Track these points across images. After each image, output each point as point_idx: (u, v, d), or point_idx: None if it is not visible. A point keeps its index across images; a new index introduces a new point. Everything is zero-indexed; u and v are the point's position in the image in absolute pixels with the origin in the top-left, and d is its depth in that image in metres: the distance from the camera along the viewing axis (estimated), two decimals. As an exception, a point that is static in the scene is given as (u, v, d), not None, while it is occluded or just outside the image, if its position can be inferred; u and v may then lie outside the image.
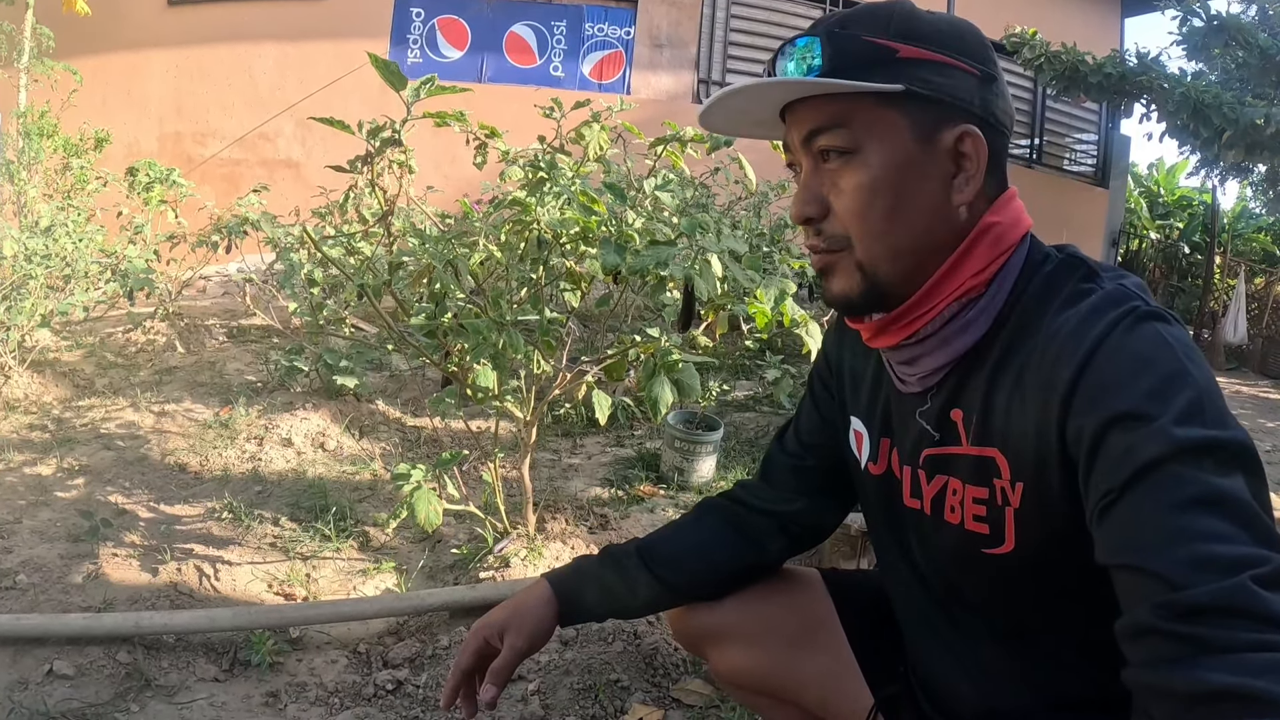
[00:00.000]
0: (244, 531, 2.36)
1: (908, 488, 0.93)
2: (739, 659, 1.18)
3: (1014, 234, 0.85)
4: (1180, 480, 0.65)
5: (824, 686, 1.15)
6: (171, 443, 2.91)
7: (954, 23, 0.86)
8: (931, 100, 0.82)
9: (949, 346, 0.85)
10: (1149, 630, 0.63)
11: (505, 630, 1.07)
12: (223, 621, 1.74)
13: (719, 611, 1.18)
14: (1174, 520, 0.64)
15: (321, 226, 3.88)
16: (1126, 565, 0.67)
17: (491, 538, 2.29)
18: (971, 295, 0.84)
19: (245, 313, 4.70)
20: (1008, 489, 0.81)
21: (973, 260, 0.83)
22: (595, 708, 1.75)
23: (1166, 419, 0.67)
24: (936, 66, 0.82)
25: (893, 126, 0.82)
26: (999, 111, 0.85)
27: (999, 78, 0.85)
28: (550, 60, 6.90)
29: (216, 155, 6.17)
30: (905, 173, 0.82)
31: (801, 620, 1.17)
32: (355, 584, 2.20)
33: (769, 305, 1.98)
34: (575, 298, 2.46)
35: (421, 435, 3.37)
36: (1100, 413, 0.71)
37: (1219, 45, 6.93)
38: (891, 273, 0.85)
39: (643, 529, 2.64)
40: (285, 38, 6.36)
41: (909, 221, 0.83)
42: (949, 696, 0.99)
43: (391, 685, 1.72)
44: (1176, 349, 0.72)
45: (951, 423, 0.86)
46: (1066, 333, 0.76)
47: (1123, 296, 0.77)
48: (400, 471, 1.91)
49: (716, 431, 3.10)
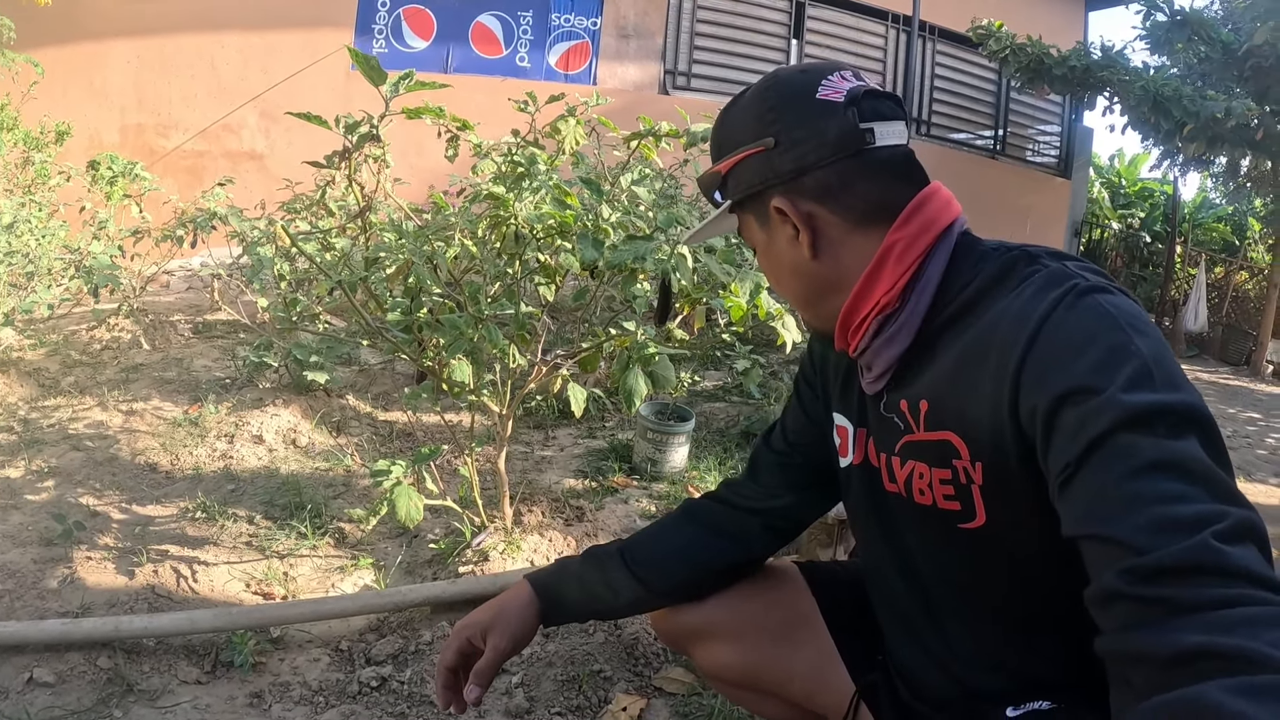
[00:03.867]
0: (219, 531, 2.34)
1: (885, 474, 0.97)
2: (723, 656, 1.22)
3: (921, 242, 0.88)
4: (1133, 447, 0.67)
5: (808, 679, 1.18)
6: (141, 442, 2.87)
7: (746, 105, 0.97)
8: (746, 196, 0.96)
9: (882, 355, 0.92)
10: (1116, 596, 0.64)
11: (488, 630, 1.10)
12: (204, 623, 1.73)
13: (702, 610, 1.21)
14: (1131, 486, 0.66)
15: (289, 220, 3.84)
16: (1089, 535, 0.68)
17: (469, 532, 2.29)
18: (887, 310, 0.90)
19: (211, 308, 4.64)
20: (969, 468, 0.84)
21: (880, 281, 0.89)
22: (579, 698, 1.77)
23: (1114, 389, 0.69)
24: (739, 167, 0.96)
25: (749, 225, 1.00)
26: (795, 161, 0.90)
27: (784, 132, 0.91)
28: (516, 50, 6.85)
29: (179, 147, 6.05)
30: (768, 253, 0.99)
31: (783, 615, 1.20)
32: (333, 581, 2.20)
33: (744, 299, 2.00)
34: (550, 291, 2.46)
35: (394, 429, 3.35)
36: (1049, 390, 0.73)
37: (1181, 40, 7.05)
38: (810, 318, 1.01)
39: (618, 520, 2.65)
40: (249, 27, 6.25)
41: (788, 285, 0.99)
42: (926, 683, 1.02)
43: (376, 682, 1.72)
44: (1119, 319, 0.74)
45: (904, 413, 0.91)
46: (1011, 315, 0.79)
47: (1063, 276, 0.80)
48: (379, 468, 1.91)
49: (688, 422, 3.12)
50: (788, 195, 0.92)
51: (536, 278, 2.31)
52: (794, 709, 1.24)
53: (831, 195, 0.91)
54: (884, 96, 0.92)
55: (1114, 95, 7.28)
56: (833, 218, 0.91)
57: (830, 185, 0.90)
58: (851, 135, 0.89)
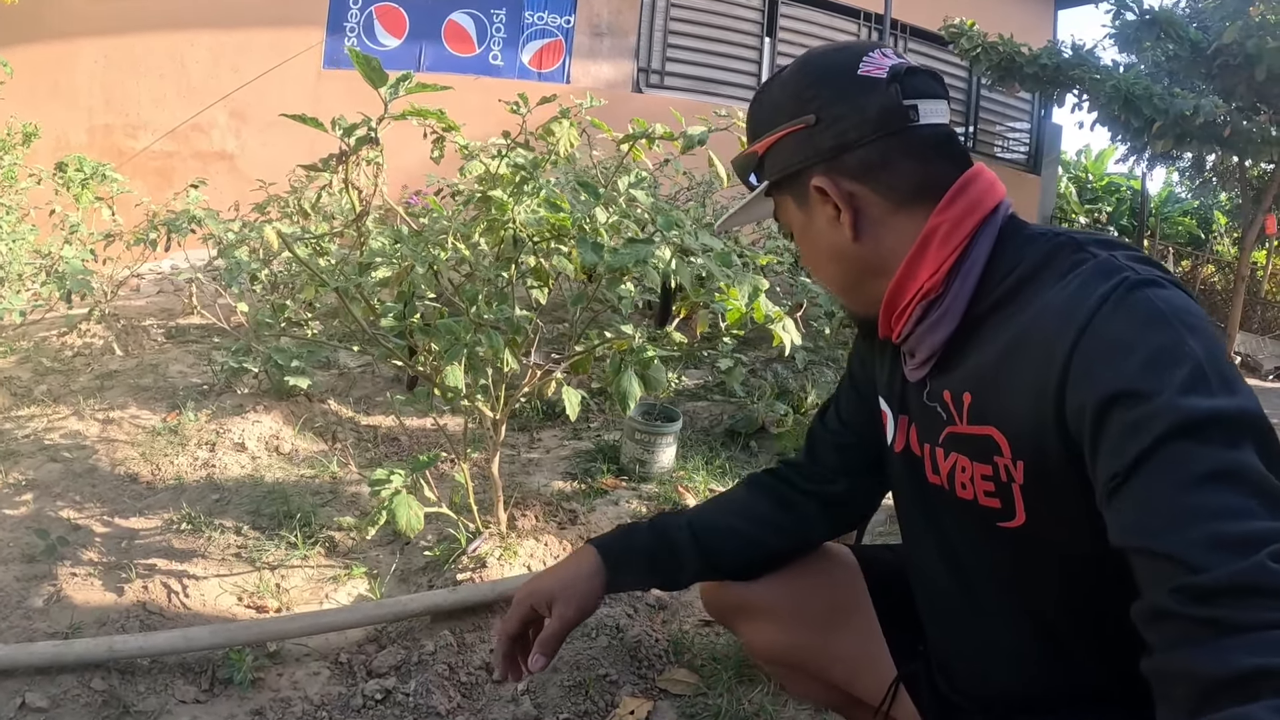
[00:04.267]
0: (206, 543, 2.28)
1: (928, 465, 0.96)
2: (769, 635, 1.22)
3: (966, 225, 0.86)
4: (1188, 457, 0.64)
5: (852, 662, 1.18)
6: (120, 452, 2.79)
7: (784, 83, 0.95)
8: (785, 176, 0.95)
9: (926, 342, 0.90)
10: (1167, 615, 0.62)
11: (554, 600, 1.08)
12: (200, 640, 1.68)
13: (752, 587, 1.21)
14: (1185, 499, 0.63)
15: (263, 221, 3.77)
16: (1139, 548, 0.65)
17: (464, 538, 2.26)
18: (931, 296, 0.88)
19: (183, 312, 4.54)
20: (1010, 466, 0.82)
21: (925, 265, 0.87)
22: (586, 703, 1.75)
23: (1167, 393, 0.66)
24: (777, 146, 0.94)
25: (787, 207, 0.98)
26: (836, 139, 0.89)
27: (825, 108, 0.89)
28: (489, 49, 6.80)
29: (148, 148, 5.93)
30: (807, 235, 0.97)
31: (833, 599, 1.19)
32: (327, 591, 2.15)
33: (743, 301, 1.99)
34: (543, 294, 2.44)
35: (377, 434, 3.30)
36: (1098, 391, 0.70)
37: (1150, 38, 7.15)
38: (851, 303, 1.00)
39: (610, 521, 2.63)
40: (219, 26, 6.13)
41: (828, 269, 0.98)
42: (965, 676, 1.02)
43: (380, 695, 1.68)
44: (1171, 316, 0.71)
45: (948, 404, 0.89)
46: (1057, 308, 0.76)
47: (1113, 268, 0.76)
48: (378, 477, 1.87)
49: (676, 422, 3.10)
50: (829, 174, 0.90)
51: (529, 280, 2.29)
52: (835, 691, 1.25)
53: (873, 174, 0.89)
54: (926, 74, 0.90)
55: (1084, 93, 7.37)
56: (875, 197, 0.90)
57: (872, 163, 0.89)
58: (894, 112, 0.88)
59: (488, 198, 2.00)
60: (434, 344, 2.07)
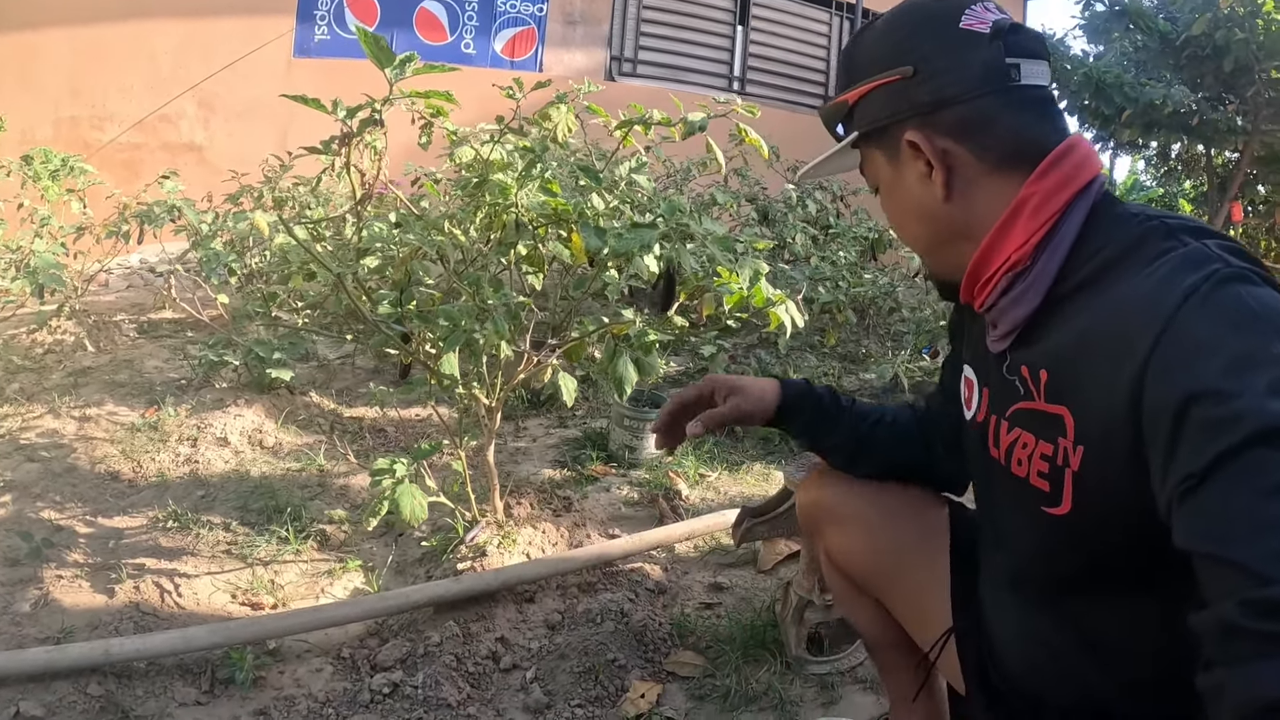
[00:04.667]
0: (194, 540, 2.22)
1: (991, 437, 0.94)
2: (853, 542, 1.26)
3: (1059, 198, 0.82)
4: (1268, 464, 0.60)
5: (918, 594, 1.19)
6: (99, 449, 2.71)
7: (880, 32, 0.93)
8: (877, 128, 0.92)
9: (1009, 315, 0.87)
10: (1232, 629, 0.58)
11: (734, 391, 1.21)
12: (199, 640, 1.63)
13: (852, 499, 1.26)
14: (1262, 508, 0.59)
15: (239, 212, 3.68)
16: (1209, 554, 0.62)
17: (461, 527, 2.22)
18: (1018, 268, 0.84)
19: (155, 306, 4.43)
20: (1069, 450, 0.80)
21: (1013, 235, 0.84)
22: (597, 688, 1.74)
23: (1251, 397, 0.62)
24: (870, 97, 0.92)
25: (875, 160, 0.96)
26: (934, 93, 0.86)
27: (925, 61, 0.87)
28: (461, 37, 6.70)
29: (115, 140, 5.76)
30: (895, 191, 0.95)
31: (919, 528, 1.21)
32: (322, 586, 2.11)
33: (745, 285, 1.98)
34: (538, 280, 2.40)
35: (362, 425, 3.24)
36: (1179, 390, 0.66)
37: (1119, 29, 7.26)
38: (935, 265, 0.98)
39: (603, 508, 2.62)
40: (187, 15, 5.96)
41: (915, 228, 0.95)
42: (1001, 648, 1.01)
43: (388, 688, 1.65)
44: (1261, 316, 0.67)
45: (1026, 379, 0.87)
46: (1142, 297, 0.73)
47: (1204, 258, 0.72)
48: (380, 466, 1.83)
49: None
50: (923, 129, 0.87)
51: (525, 266, 2.25)
52: (884, 622, 1.28)
53: (970, 133, 0.86)
54: (1029, 32, 0.87)
55: (1053, 81, 7.46)
56: (969, 157, 0.86)
57: (970, 121, 0.85)
58: (996, 69, 0.85)
59: (485, 182, 1.96)
60: (430, 331, 2.03)
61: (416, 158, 3.97)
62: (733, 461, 3.11)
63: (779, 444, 3.30)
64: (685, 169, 4.93)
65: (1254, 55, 6.61)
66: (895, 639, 1.30)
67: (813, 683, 1.79)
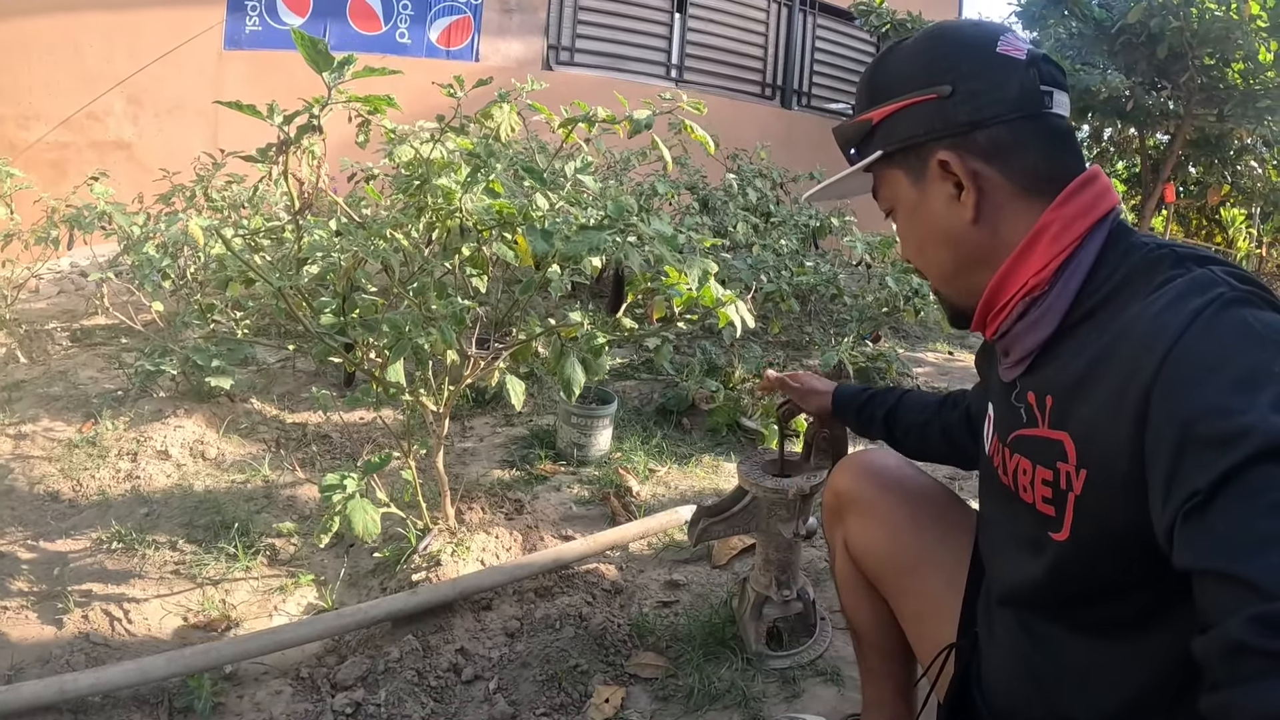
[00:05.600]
0: (141, 561, 2.17)
1: (1000, 466, 0.96)
2: (876, 538, 1.29)
3: (1079, 226, 0.84)
4: (1273, 480, 0.60)
5: (929, 601, 1.20)
6: (37, 469, 2.62)
7: (912, 52, 0.93)
8: (905, 148, 0.92)
9: (1024, 341, 0.88)
10: (1238, 645, 0.57)
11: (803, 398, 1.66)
12: (156, 671, 1.59)
13: (883, 493, 1.30)
14: (1267, 523, 0.59)
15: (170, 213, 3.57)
16: (1212, 571, 0.61)
17: (414, 536, 2.21)
18: (1036, 293, 0.86)
19: (87, 313, 4.28)
20: (1072, 474, 0.80)
21: (1032, 260, 0.86)
22: (561, 695, 1.75)
23: (1256, 414, 0.62)
24: (899, 115, 0.92)
25: (896, 181, 0.95)
26: (971, 114, 0.87)
27: (961, 82, 0.87)
28: (396, 26, 6.54)
29: (42, 139, 5.51)
30: (916, 213, 0.94)
31: (944, 539, 1.22)
32: (275, 603, 2.08)
33: (694, 286, 1.99)
34: (482, 283, 2.38)
35: (305, 432, 3.18)
36: (1184, 408, 0.67)
37: (1055, 16, 7.40)
38: (951, 292, 0.97)
39: (554, 508, 2.62)
40: (113, 7, 5.70)
41: (937, 251, 0.95)
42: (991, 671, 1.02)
43: (350, 708, 1.64)
44: (1266, 335, 0.67)
45: (1031, 406, 0.87)
46: (1149, 320, 0.73)
47: (1209, 282, 0.73)
48: (330, 482, 1.81)
49: (611, 404, 3.09)
50: (957, 150, 0.87)
51: (468, 269, 2.23)
52: (885, 630, 1.31)
53: (1002, 156, 0.87)
54: (1054, 64, 0.89)
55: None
56: (1000, 180, 0.87)
57: (1002, 144, 0.86)
58: (1032, 95, 0.86)
59: (426, 184, 1.93)
60: (375, 340, 2.00)
61: (353, 152, 3.89)
62: (681, 454, 3.13)
63: (727, 435, 3.34)
64: (625, 159, 4.93)
65: (1187, 42, 6.81)
66: (889, 646, 1.32)
67: (774, 677, 1.82)
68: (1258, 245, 10.04)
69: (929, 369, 4.77)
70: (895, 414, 1.43)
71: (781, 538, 1.86)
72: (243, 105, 1.50)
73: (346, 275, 1.79)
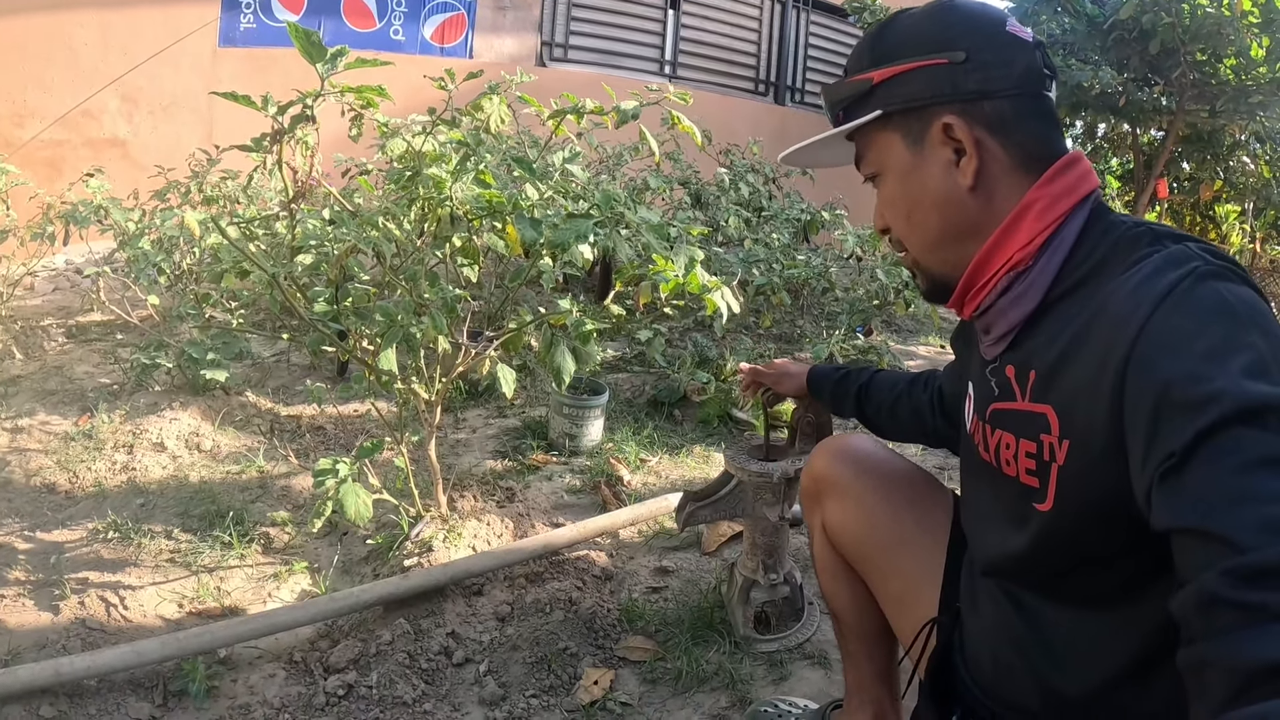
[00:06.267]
0: (137, 550, 2.19)
1: (981, 443, 0.98)
2: (853, 520, 1.30)
3: (1063, 204, 0.87)
4: (1245, 441, 0.62)
5: (907, 581, 1.22)
6: (34, 461, 2.64)
7: (924, 19, 0.94)
8: (908, 109, 0.93)
9: (1007, 316, 0.91)
10: (1213, 600, 0.59)
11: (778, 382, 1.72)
12: (150, 654, 1.61)
13: (859, 475, 1.31)
14: (1240, 481, 0.61)
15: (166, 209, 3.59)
16: (1188, 528, 0.63)
17: (406, 523, 2.24)
18: (1020, 268, 0.88)
19: (83, 309, 4.30)
20: (1055, 445, 0.82)
21: (1018, 235, 0.88)
22: (550, 678, 1.78)
23: (1227, 379, 0.65)
24: (905, 77, 0.93)
25: (890, 144, 0.96)
26: (980, 83, 0.89)
27: (975, 52, 0.89)
28: (390, 24, 6.55)
29: (37, 137, 5.51)
30: (910, 177, 0.95)
31: (921, 519, 1.24)
32: (269, 590, 2.10)
33: (680, 273, 2.01)
34: (474, 272, 2.41)
35: (301, 424, 3.21)
36: (1159, 375, 0.69)
37: (1048, 12, 7.41)
38: (935, 263, 0.98)
39: (546, 497, 2.65)
40: (108, 5, 5.70)
41: (926, 218, 0.95)
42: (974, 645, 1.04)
43: (343, 690, 1.67)
44: (1238, 308, 0.70)
45: (1010, 380, 0.90)
46: (1125, 294, 0.76)
47: (1184, 257, 0.76)
48: (323, 467, 1.83)
49: (602, 395, 3.12)
50: (963, 116, 0.89)
51: (459, 259, 2.26)
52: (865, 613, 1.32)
53: (1004, 128, 0.89)
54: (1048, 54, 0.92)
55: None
56: (1000, 152, 0.89)
57: (1005, 117, 0.89)
58: (1036, 75, 0.89)
59: (418, 175, 1.96)
60: (367, 328, 2.03)
61: (347, 148, 3.91)
62: (673, 445, 3.16)
63: (718, 427, 3.37)
64: (618, 154, 4.95)
65: (1180, 39, 6.82)
66: (868, 629, 1.33)
67: (762, 661, 1.84)
68: (1251, 240, 10.07)
69: (921, 362, 4.80)
70: (867, 391, 1.47)
71: (767, 522, 1.88)
72: (238, 96, 1.52)
73: (339, 264, 1.82)
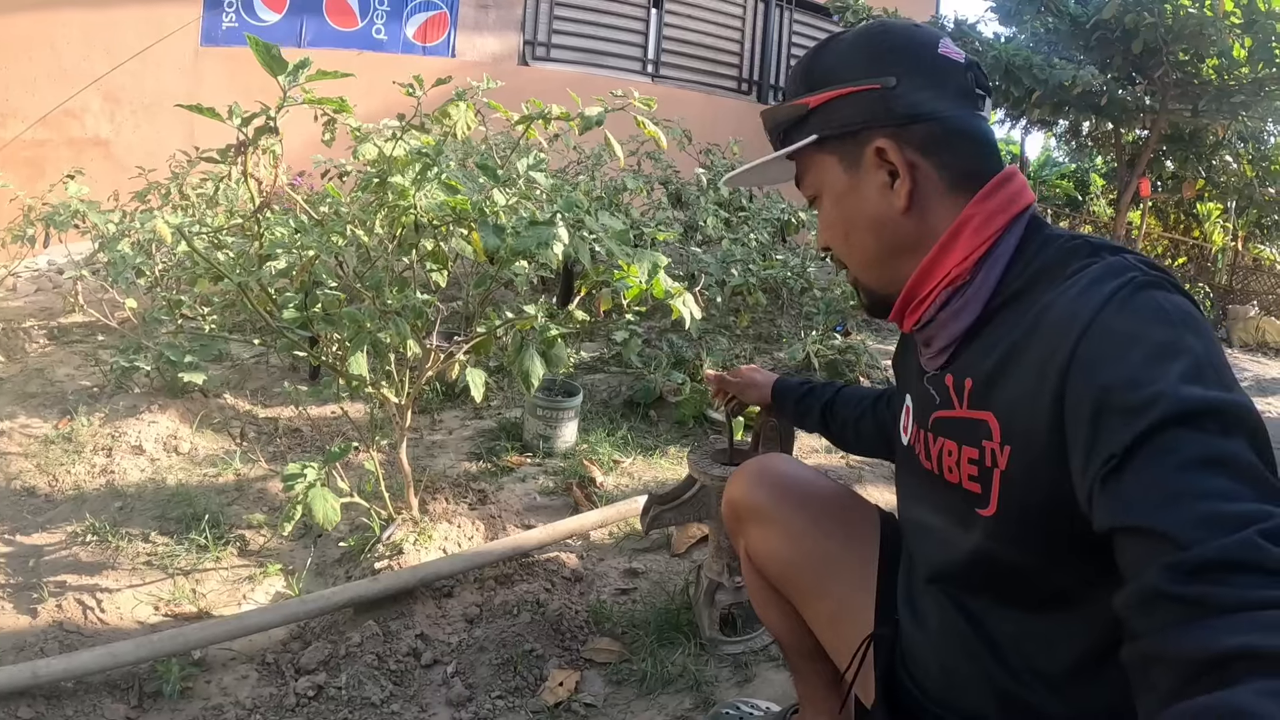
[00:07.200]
0: (115, 553, 2.23)
1: (922, 452, 0.99)
2: (776, 545, 1.29)
3: (999, 219, 0.89)
4: (1182, 442, 0.65)
5: (836, 605, 1.22)
6: (14, 464, 2.68)
7: (856, 44, 0.97)
8: (843, 134, 0.95)
9: (947, 329, 0.93)
10: (1155, 595, 0.61)
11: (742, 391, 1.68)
12: (126, 655, 1.66)
13: (780, 499, 1.30)
14: (1178, 480, 0.63)
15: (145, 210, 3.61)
16: (1130, 527, 0.65)
17: (378, 526, 2.28)
18: (958, 283, 0.90)
19: (64, 310, 4.32)
20: (997, 451, 0.84)
21: (954, 252, 0.90)
22: (516, 679, 1.81)
23: (1165, 383, 0.67)
24: (839, 102, 0.95)
25: (827, 167, 0.98)
26: (911, 107, 0.91)
27: (906, 76, 0.92)
28: (372, 23, 6.56)
29: (18, 137, 5.50)
30: (847, 199, 0.97)
31: (846, 540, 1.24)
32: (244, 592, 2.15)
33: (643, 278, 2.05)
34: (442, 277, 2.45)
35: (277, 426, 3.24)
36: (1099, 380, 0.71)
37: (1031, 13, 7.48)
38: (874, 280, 1.00)
39: (519, 499, 2.68)
40: (90, 5, 5.69)
41: (863, 238, 0.98)
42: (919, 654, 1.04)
43: (312, 691, 1.72)
44: (1174, 316, 0.73)
45: (948, 388, 0.92)
46: (1065, 302, 0.78)
47: (1122, 268, 0.78)
48: (291, 471, 1.87)
49: (576, 397, 3.14)
50: (895, 140, 0.91)
51: (428, 264, 2.30)
52: (801, 633, 1.32)
53: (936, 150, 0.91)
54: (984, 74, 0.95)
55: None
56: (933, 173, 0.91)
57: (937, 139, 0.91)
58: (968, 96, 0.92)
59: (385, 183, 1.99)
60: (337, 333, 2.06)
61: (326, 149, 3.92)
62: (647, 446, 3.19)
63: (693, 427, 3.41)
64: (596, 155, 5.00)
65: (1162, 38, 6.90)
66: (807, 647, 1.33)
67: (727, 663, 1.87)
68: (1233, 239, 10.19)
69: (896, 361, 4.85)
70: (832, 408, 1.47)
71: (730, 525, 1.92)
72: (203, 108, 1.56)
73: (305, 270, 1.86)
